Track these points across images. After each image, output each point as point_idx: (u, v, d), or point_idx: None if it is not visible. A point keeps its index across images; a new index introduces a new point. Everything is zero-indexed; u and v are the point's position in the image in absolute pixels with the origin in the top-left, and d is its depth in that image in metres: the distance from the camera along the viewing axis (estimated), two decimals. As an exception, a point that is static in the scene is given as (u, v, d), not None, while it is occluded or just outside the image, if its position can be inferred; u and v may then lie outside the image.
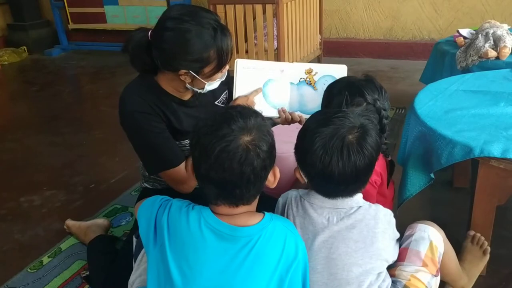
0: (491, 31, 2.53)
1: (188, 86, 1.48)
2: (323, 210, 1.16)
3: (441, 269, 1.27)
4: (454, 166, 2.08)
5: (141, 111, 1.46)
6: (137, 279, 1.25)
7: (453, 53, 2.67)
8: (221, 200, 1.05)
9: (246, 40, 3.78)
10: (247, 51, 3.80)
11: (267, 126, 1.07)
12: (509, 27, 2.69)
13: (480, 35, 2.56)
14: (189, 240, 1.04)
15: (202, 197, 1.09)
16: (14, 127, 3.42)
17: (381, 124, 1.36)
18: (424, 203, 2.04)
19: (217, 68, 1.44)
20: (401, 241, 1.27)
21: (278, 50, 3.69)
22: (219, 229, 1.03)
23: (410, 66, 4.29)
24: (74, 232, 1.97)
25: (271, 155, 1.06)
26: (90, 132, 3.20)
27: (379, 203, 1.26)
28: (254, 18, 3.68)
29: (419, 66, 3.57)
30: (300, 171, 1.18)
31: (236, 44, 3.74)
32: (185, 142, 1.58)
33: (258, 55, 3.77)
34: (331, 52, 4.73)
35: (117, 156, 2.73)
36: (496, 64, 2.42)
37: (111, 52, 5.25)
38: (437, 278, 1.24)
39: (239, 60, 1.66)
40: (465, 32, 2.74)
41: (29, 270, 1.80)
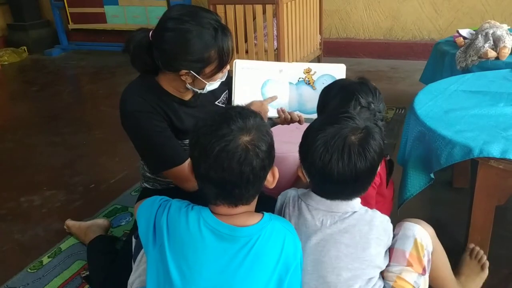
0: (491, 31, 2.53)
1: (188, 86, 1.48)
2: (317, 212, 1.16)
3: (430, 270, 1.23)
4: (453, 167, 2.08)
5: (142, 111, 1.46)
6: (136, 280, 1.25)
7: (453, 53, 2.67)
8: (220, 200, 1.06)
9: (246, 40, 3.78)
10: (247, 51, 3.80)
11: (266, 126, 1.07)
12: (509, 27, 2.68)
13: (480, 35, 2.56)
14: (188, 240, 1.04)
15: (201, 198, 1.09)
16: (14, 127, 3.41)
17: (377, 126, 1.36)
18: (424, 203, 2.04)
19: (218, 68, 1.44)
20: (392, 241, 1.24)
21: (278, 50, 3.69)
22: (218, 229, 1.03)
23: (410, 66, 4.29)
24: (74, 232, 1.97)
25: (270, 155, 1.06)
26: (90, 132, 3.20)
27: (378, 203, 1.26)
28: (254, 18, 3.68)
29: (419, 66, 3.57)
30: (302, 169, 1.18)
31: (236, 44, 3.73)
32: (187, 142, 1.57)
33: (258, 55, 3.77)
34: (331, 52, 4.73)
35: (117, 156, 2.73)
36: (496, 64, 2.42)
37: (111, 52, 5.26)
38: (425, 277, 1.20)
39: (237, 61, 1.67)
40: (465, 32, 2.74)
41: (29, 270, 1.80)
